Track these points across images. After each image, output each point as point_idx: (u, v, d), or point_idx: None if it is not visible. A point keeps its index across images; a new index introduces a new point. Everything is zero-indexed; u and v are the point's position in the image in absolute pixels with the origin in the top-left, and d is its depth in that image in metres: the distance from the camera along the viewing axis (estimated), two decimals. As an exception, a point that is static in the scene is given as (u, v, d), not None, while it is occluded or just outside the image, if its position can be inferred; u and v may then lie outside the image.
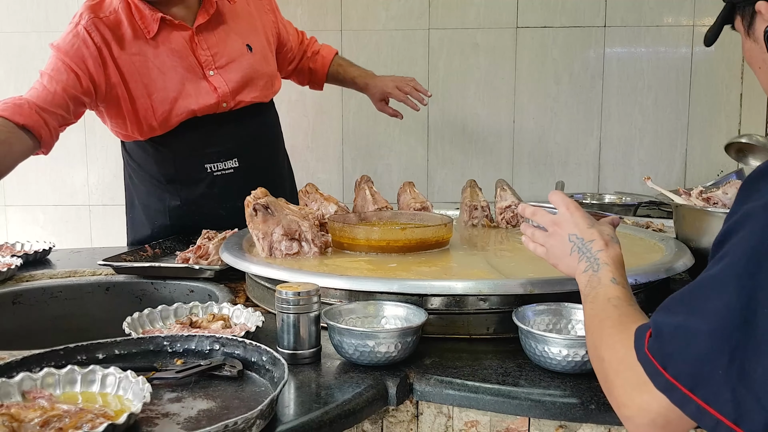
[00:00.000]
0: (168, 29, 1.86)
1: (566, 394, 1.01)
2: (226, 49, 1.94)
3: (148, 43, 1.85)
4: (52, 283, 1.68)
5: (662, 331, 0.77)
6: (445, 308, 1.23)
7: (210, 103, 1.91)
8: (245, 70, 1.96)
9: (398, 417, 1.08)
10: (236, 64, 1.94)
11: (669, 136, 2.88)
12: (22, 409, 0.87)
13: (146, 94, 1.86)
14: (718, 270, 0.75)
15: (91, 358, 1.03)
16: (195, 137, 1.95)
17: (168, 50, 1.86)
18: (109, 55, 1.81)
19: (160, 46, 1.86)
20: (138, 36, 1.84)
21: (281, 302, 1.11)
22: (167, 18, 1.85)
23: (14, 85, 2.85)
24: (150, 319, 1.26)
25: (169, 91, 1.87)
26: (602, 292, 0.96)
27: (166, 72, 1.86)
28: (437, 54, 2.87)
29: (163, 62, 1.86)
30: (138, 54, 1.84)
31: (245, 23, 1.99)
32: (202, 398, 0.96)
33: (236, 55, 1.95)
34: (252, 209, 1.49)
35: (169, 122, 1.90)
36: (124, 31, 1.83)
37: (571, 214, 1.09)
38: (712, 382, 0.71)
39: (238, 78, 1.94)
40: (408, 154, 2.93)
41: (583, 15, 2.81)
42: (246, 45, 1.97)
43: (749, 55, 0.98)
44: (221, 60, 1.93)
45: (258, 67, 1.99)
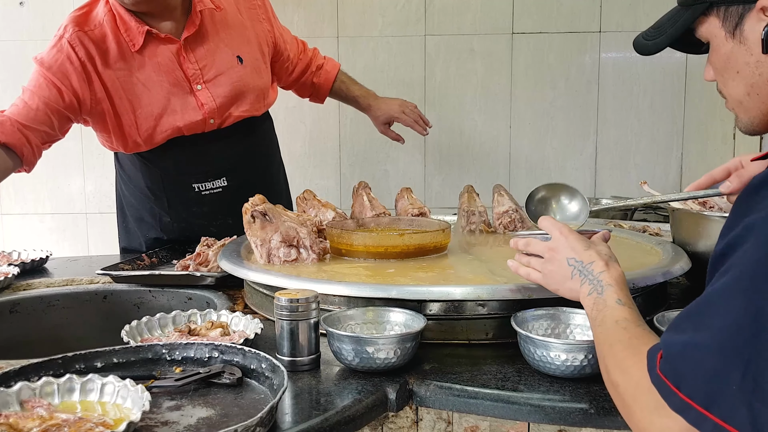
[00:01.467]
0: (155, 43, 1.80)
1: (565, 399, 1.01)
2: (215, 61, 1.87)
3: (134, 57, 1.79)
4: (49, 291, 1.67)
5: (672, 351, 0.76)
6: (444, 314, 1.23)
7: (196, 120, 1.85)
8: (234, 83, 1.89)
9: (398, 423, 1.08)
10: (225, 77, 1.88)
11: (665, 140, 2.89)
12: (21, 418, 0.87)
13: (131, 110, 1.81)
14: (723, 284, 0.74)
15: (89, 366, 1.03)
16: (182, 156, 1.91)
17: (154, 64, 1.81)
18: (94, 70, 1.76)
19: (146, 60, 1.80)
20: (123, 50, 1.79)
21: (280, 309, 1.11)
22: (153, 31, 1.79)
23: (10, 94, 2.85)
24: (148, 327, 1.26)
25: (154, 107, 1.82)
26: (609, 314, 0.95)
27: (152, 87, 1.81)
28: (434, 60, 2.88)
29: (148, 77, 1.81)
30: (123, 69, 1.79)
31: (237, 34, 1.92)
32: (201, 406, 0.96)
33: (225, 68, 1.88)
34: (250, 216, 1.49)
35: (153, 139, 1.86)
36: (108, 44, 1.77)
37: (566, 238, 1.08)
38: (726, 399, 0.70)
39: (226, 92, 1.88)
40: (405, 160, 2.93)
41: (578, 20, 2.82)
42: (236, 57, 1.90)
43: (727, 58, 0.94)
44: (209, 73, 1.86)
45: (248, 79, 1.92)
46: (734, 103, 0.97)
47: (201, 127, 1.88)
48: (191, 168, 1.92)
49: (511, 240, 1.19)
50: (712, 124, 2.86)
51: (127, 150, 1.90)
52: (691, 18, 0.97)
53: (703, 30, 0.97)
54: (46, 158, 2.87)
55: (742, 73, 0.93)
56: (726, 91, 0.98)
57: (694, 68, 2.84)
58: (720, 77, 0.98)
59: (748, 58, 0.91)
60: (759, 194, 0.78)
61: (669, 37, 1.02)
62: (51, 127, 1.74)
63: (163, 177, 1.95)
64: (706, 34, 0.97)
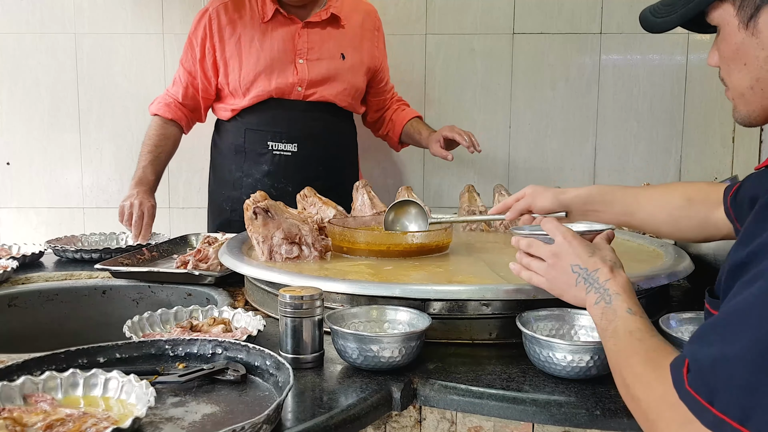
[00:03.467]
0: (280, 19, 2.19)
1: (571, 400, 1.00)
2: (322, 48, 2.21)
3: (260, 26, 2.18)
4: (48, 285, 1.66)
5: (701, 365, 0.74)
6: (448, 313, 1.22)
7: (287, 83, 2.18)
8: (330, 69, 2.21)
9: (401, 422, 1.08)
10: (325, 62, 2.21)
11: (664, 142, 2.89)
12: (25, 412, 0.86)
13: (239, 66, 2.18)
14: (752, 294, 0.72)
15: (92, 361, 1.02)
16: (266, 114, 2.22)
17: (274, 35, 2.18)
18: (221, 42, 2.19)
19: (269, 30, 2.18)
20: (255, 17, 2.18)
21: (284, 306, 1.10)
22: (281, 11, 2.17)
23: (9, 87, 2.84)
24: (150, 322, 1.25)
25: (260, 65, 2.16)
26: (621, 325, 0.92)
27: (264, 50, 2.17)
28: (434, 59, 2.87)
29: (265, 42, 2.17)
30: (249, 33, 2.17)
31: (349, 38, 2.26)
32: (205, 402, 0.95)
33: (328, 56, 2.21)
34: (252, 213, 1.48)
35: (249, 92, 2.19)
36: (245, 11, 2.19)
37: (569, 244, 1.07)
38: (762, 413, 0.67)
39: (321, 72, 2.20)
40: (404, 158, 2.93)
41: (579, 22, 2.82)
42: (341, 53, 2.24)
43: (736, 48, 0.91)
44: (314, 54, 2.20)
45: (344, 73, 2.24)
46: (735, 94, 0.95)
47: (289, 92, 2.19)
48: (270, 126, 2.23)
49: (513, 238, 1.17)
50: (712, 127, 2.86)
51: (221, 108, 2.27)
52: (707, 1, 0.94)
53: (715, 15, 0.94)
54: (44, 151, 2.86)
55: (749, 65, 0.91)
56: (729, 81, 0.96)
57: (694, 71, 2.84)
58: (725, 65, 0.95)
59: (758, 52, 0.89)
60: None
61: (680, 17, 0.98)
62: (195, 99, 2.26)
63: (247, 132, 2.25)
64: (718, 19, 0.94)
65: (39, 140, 2.85)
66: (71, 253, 1.85)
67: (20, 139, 2.86)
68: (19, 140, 2.86)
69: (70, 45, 2.81)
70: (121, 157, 2.83)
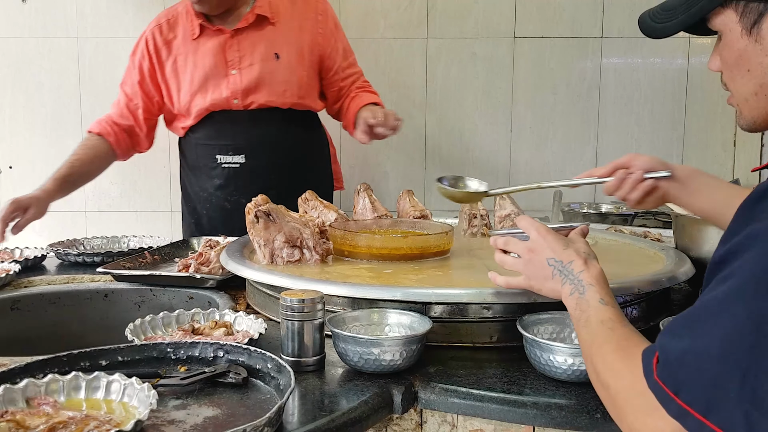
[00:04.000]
0: (208, 33, 2.12)
1: (572, 403, 1.01)
2: (254, 53, 2.13)
3: (191, 43, 2.14)
4: (50, 289, 1.67)
5: (670, 357, 0.76)
6: (449, 316, 1.22)
7: (221, 97, 2.12)
8: (264, 74, 2.12)
9: (402, 425, 1.08)
10: (258, 66, 2.12)
11: (665, 146, 2.89)
12: (27, 415, 0.86)
13: (178, 88, 2.15)
14: (723, 292, 0.74)
15: (94, 364, 1.03)
16: (212, 128, 2.17)
17: (205, 50, 2.12)
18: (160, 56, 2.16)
19: (200, 47, 2.13)
20: (186, 36, 2.14)
21: (286, 309, 1.11)
22: (205, 25, 2.11)
23: (11, 91, 2.85)
24: (152, 325, 1.26)
25: (194, 84, 2.13)
26: (593, 315, 0.95)
27: (198, 68, 2.12)
28: (435, 63, 2.88)
29: (198, 60, 2.13)
30: (182, 53, 2.14)
31: (283, 34, 2.15)
32: (207, 405, 0.96)
33: (260, 60, 2.12)
34: (253, 216, 1.48)
35: (190, 112, 2.15)
36: (177, 32, 2.15)
37: (543, 238, 1.08)
38: (724, 407, 0.70)
39: (253, 79, 2.12)
40: (405, 162, 2.93)
41: (580, 25, 2.83)
42: (274, 53, 2.14)
43: (739, 55, 0.91)
44: (245, 62, 2.12)
45: (279, 74, 2.13)
46: (739, 100, 0.95)
47: (227, 105, 2.14)
48: (216, 140, 2.18)
49: (491, 238, 1.18)
50: (713, 131, 2.87)
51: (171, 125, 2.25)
52: (708, 7, 0.93)
53: (717, 21, 0.94)
54: (46, 155, 2.87)
55: (753, 72, 0.91)
56: (732, 87, 0.96)
57: (695, 75, 2.85)
58: (728, 72, 0.95)
59: (762, 58, 0.89)
60: (763, 203, 0.77)
61: (681, 23, 0.98)
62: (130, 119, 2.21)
63: (197, 146, 2.22)
64: (720, 25, 0.94)
65: (41, 144, 2.86)
66: (73, 257, 1.85)
67: (23, 144, 2.87)
68: (21, 144, 2.87)
69: (73, 49, 2.82)
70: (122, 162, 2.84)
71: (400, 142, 2.93)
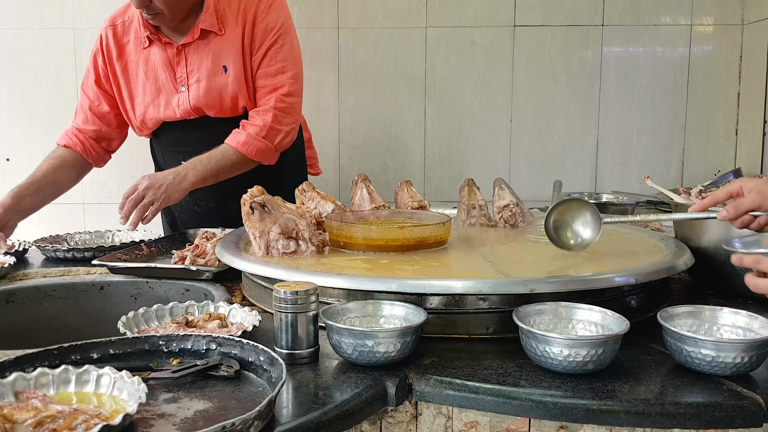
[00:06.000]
0: (158, 44, 2.04)
1: (567, 395, 0.99)
2: (202, 68, 2.04)
3: (142, 52, 2.06)
4: (46, 282, 1.66)
5: None
6: (445, 308, 1.21)
7: (174, 116, 2.07)
8: (213, 90, 2.04)
9: (397, 417, 1.07)
10: (206, 82, 2.04)
11: (666, 135, 2.88)
12: (15, 409, 0.85)
13: (131, 97, 2.10)
14: None
15: (85, 357, 1.01)
16: (173, 135, 2.14)
17: (155, 61, 2.05)
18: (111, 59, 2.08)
19: (150, 57, 2.05)
20: (138, 44, 2.06)
21: (279, 301, 1.09)
22: (153, 37, 2.02)
23: (8, 83, 2.83)
24: (145, 318, 1.24)
25: (147, 96, 2.07)
26: None
27: (149, 80, 2.06)
28: (434, 52, 2.86)
29: (149, 71, 2.06)
30: (134, 60, 2.07)
31: (230, 44, 2.02)
32: (198, 399, 0.95)
33: (208, 75, 2.03)
34: (249, 208, 1.47)
35: (146, 123, 2.11)
36: (130, 37, 2.07)
37: None
38: None
39: (202, 96, 2.04)
40: (404, 152, 2.92)
41: (581, 14, 2.81)
42: (222, 66, 2.04)
43: None
44: (193, 78, 2.04)
45: (229, 87, 2.04)
46: None
47: (181, 118, 2.08)
48: (179, 147, 2.13)
49: (734, 256, 1.09)
50: (715, 120, 2.85)
51: (136, 131, 2.17)
52: None
53: None
54: (43, 148, 2.85)
55: None
56: None
57: (697, 64, 2.83)
58: None
59: None
60: None
61: None
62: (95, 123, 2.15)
63: (163, 152, 2.20)
64: None
65: (39, 136, 2.85)
66: (63, 253, 1.80)
67: (20, 136, 2.86)
68: (18, 136, 2.87)
69: (69, 40, 2.81)
70: (120, 153, 2.80)
71: (399, 132, 2.92)
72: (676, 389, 1.00)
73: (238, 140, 2.00)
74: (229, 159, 1.99)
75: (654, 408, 0.96)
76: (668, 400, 0.97)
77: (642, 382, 1.02)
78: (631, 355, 1.12)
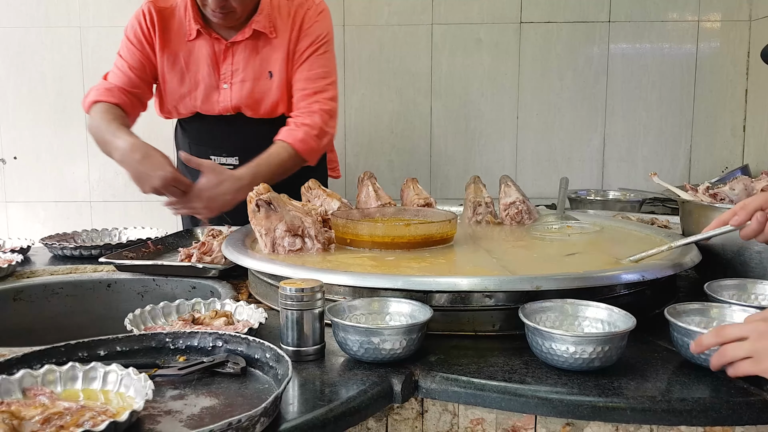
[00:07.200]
0: (205, 38, 2.04)
1: (573, 392, 0.99)
2: (248, 69, 2.05)
3: (186, 44, 2.05)
4: (53, 279, 1.67)
5: None
6: (450, 305, 1.21)
7: (213, 111, 2.08)
8: (255, 93, 2.06)
9: (403, 414, 1.07)
10: (250, 84, 2.06)
11: (673, 132, 2.87)
12: (23, 406, 0.85)
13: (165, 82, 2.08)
14: None
15: (92, 354, 1.02)
16: (205, 128, 2.14)
17: (199, 55, 2.05)
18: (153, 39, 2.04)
19: (194, 50, 2.05)
20: (181, 34, 2.04)
21: (285, 299, 1.10)
22: (203, 31, 2.02)
23: (14, 82, 2.84)
24: (152, 315, 1.25)
25: (185, 87, 2.07)
26: None
27: (190, 71, 2.06)
28: (440, 49, 2.85)
29: (191, 63, 2.05)
30: (175, 49, 2.05)
31: (279, 50, 2.05)
32: (205, 395, 0.95)
33: (254, 77, 2.06)
34: (254, 205, 1.47)
35: (178, 111, 2.12)
36: (172, 24, 2.04)
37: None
38: None
39: (244, 97, 2.06)
40: (410, 150, 2.92)
41: (587, 10, 2.80)
42: (268, 71, 2.06)
43: None
44: (238, 77, 2.05)
45: (272, 92, 2.07)
46: None
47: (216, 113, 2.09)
48: (210, 140, 2.14)
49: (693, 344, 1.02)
50: (722, 117, 2.84)
51: (163, 113, 2.17)
52: None
53: None
54: (50, 146, 2.87)
55: None
56: None
57: (704, 60, 2.81)
58: None
59: None
60: None
61: None
62: (140, 87, 2.06)
63: (191, 143, 2.19)
64: None
65: (45, 135, 2.87)
66: (70, 250, 1.80)
67: (27, 134, 2.88)
68: (25, 135, 2.88)
69: (75, 39, 2.82)
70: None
71: (404, 129, 2.92)
72: (682, 386, 1.00)
73: (295, 137, 1.99)
74: (283, 161, 1.96)
75: (660, 405, 0.95)
76: (675, 396, 0.97)
77: (648, 379, 1.02)
78: (638, 352, 1.11)
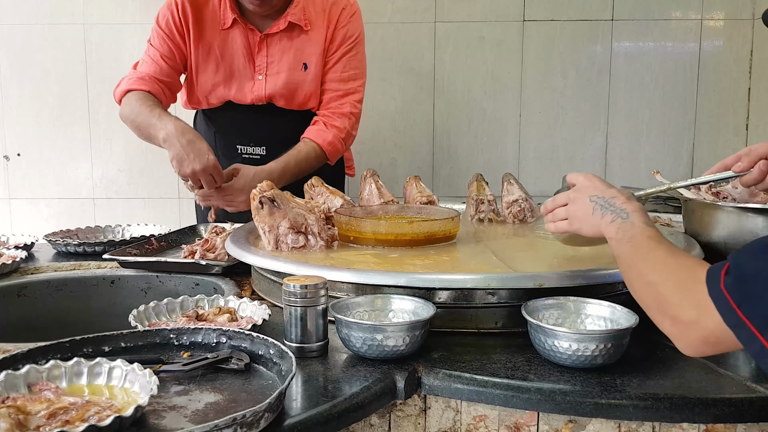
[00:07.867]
0: (240, 27, 2.03)
1: (576, 389, 0.99)
2: (282, 61, 2.07)
3: (220, 33, 2.04)
4: (57, 275, 1.67)
5: (744, 272, 0.79)
6: (453, 302, 1.22)
7: (245, 101, 2.08)
8: (290, 84, 2.07)
9: (406, 411, 1.07)
10: (285, 75, 2.07)
11: (676, 131, 2.87)
12: (29, 401, 0.86)
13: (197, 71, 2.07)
14: None
15: (97, 350, 1.02)
16: (233, 118, 2.14)
17: (233, 45, 2.05)
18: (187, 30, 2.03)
19: (229, 39, 2.04)
20: (215, 23, 2.03)
21: (288, 295, 1.10)
22: (239, 20, 2.02)
23: (18, 79, 2.85)
24: (156, 311, 1.25)
25: (218, 76, 2.07)
26: (639, 233, 0.98)
27: (224, 60, 2.05)
28: (443, 47, 2.86)
29: (225, 52, 2.05)
30: (209, 38, 2.04)
31: (314, 43, 2.07)
32: (209, 391, 0.95)
33: (288, 69, 2.07)
34: (258, 202, 1.48)
35: (209, 100, 2.11)
36: (206, 13, 2.03)
37: (590, 180, 1.13)
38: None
39: (279, 88, 2.07)
40: (413, 148, 2.92)
41: (590, 8, 2.80)
42: (303, 63, 2.08)
43: None
44: (273, 69, 2.07)
45: (306, 84, 2.09)
46: None
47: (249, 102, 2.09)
48: (237, 130, 2.14)
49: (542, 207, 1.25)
50: (725, 115, 2.83)
51: (192, 103, 2.16)
52: None
53: None
54: (53, 143, 2.88)
55: None
56: None
57: (707, 59, 2.81)
58: None
59: None
60: None
61: None
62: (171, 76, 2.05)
63: (216, 134, 2.17)
64: None
65: (49, 132, 2.87)
66: (73, 247, 1.81)
67: (30, 131, 2.88)
68: (29, 132, 2.88)
69: (79, 36, 2.82)
70: (131, 149, 2.85)
71: (407, 127, 2.92)
72: (685, 384, 1.00)
73: (324, 138, 2.05)
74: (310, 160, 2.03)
75: (663, 402, 0.96)
76: (677, 394, 0.97)
77: (651, 377, 1.02)
78: (640, 349, 1.12)
